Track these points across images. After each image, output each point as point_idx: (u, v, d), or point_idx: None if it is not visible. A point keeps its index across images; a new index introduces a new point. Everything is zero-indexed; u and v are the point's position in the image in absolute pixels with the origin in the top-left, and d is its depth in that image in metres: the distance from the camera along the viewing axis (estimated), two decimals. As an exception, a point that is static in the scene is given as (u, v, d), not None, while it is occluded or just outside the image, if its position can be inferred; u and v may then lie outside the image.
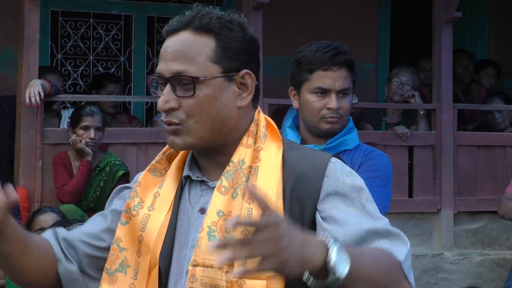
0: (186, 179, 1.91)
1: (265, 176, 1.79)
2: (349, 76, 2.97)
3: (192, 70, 1.80)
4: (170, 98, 1.82)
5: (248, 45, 1.85)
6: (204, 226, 1.77)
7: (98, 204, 5.59)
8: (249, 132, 1.86)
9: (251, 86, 1.84)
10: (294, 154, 1.86)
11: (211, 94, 1.80)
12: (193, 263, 1.76)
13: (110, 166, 5.61)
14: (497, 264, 6.79)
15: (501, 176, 6.97)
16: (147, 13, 7.30)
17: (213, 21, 1.82)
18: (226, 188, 1.80)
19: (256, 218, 1.69)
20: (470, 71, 7.78)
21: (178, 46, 1.83)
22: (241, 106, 1.84)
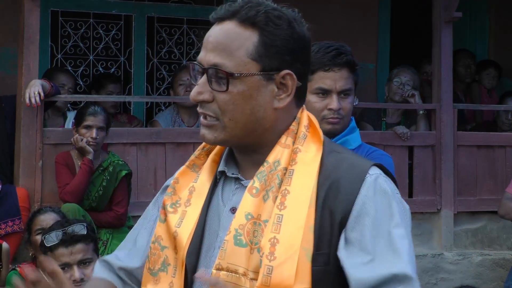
0: (221, 174, 1.83)
1: (299, 181, 1.70)
2: (351, 77, 2.97)
3: (229, 64, 1.71)
4: (205, 90, 1.74)
5: (295, 44, 1.74)
6: (231, 229, 1.70)
7: (101, 203, 5.60)
8: (289, 131, 1.77)
9: (291, 87, 1.74)
10: (333, 158, 1.75)
11: (246, 91, 1.72)
12: (217, 266, 1.69)
13: (113, 166, 5.62)
14: (497, 264, 6.79)
15: (501, 176, 6.97)
16: (147, 13, 7.30)
17: (260, 15, 1.72)
18: (258, 189, 1.71)
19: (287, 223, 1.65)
20: (471, 71, 7.78)
21: (219, 36, 1.73)
22: (278, 107, 1.74)
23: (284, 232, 1.65)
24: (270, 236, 1.65)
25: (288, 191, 1.69)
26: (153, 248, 1.82)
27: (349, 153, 1.83)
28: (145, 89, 7.34)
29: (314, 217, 1.67)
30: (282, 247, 1.64)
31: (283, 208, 1.67)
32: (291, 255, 1.63)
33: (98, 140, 5.56)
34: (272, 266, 1.63)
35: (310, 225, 1.66)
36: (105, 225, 5.54)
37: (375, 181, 1.71)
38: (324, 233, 1.67)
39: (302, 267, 1.63)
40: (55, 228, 3.63)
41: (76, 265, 3.48)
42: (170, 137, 6.17)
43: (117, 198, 5.61)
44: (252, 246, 1.67)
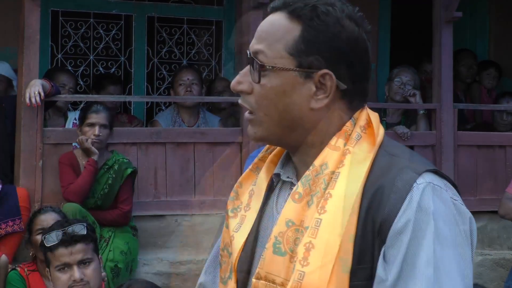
0: (278, 178, 1.73)
1: (344, 185, 1.57)
2: None
3: (266, 53, 1.63)
4: (245, 80, 1.66)
5: (341, 44, 1.62)
6: (271, 236, 1.60)
7: (106, 201, 5.61)
8: (341, 132, 1.64)
9: (330, 89, 1.62)
10: (385, 162, 1.61)
11: (280, 87, 1.62)
12: (257, 275, 1.61)
13: (118, 164, 5.63)
14: (498, 264, 6.79)
15: (501, 176, 6.97)
16: (147, 13, 7.30)
17: (307, 8, 1.61)
18: (301, 195, 1.60)
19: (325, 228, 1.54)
20: (473, 72, 7.78)
21: (266, 26, 1.66)
22: (315, 108, 1.62)
23: (321, 237, 1.54)
24: (306, 240, 1.55)
25: (331, 194, 1.57)
26: (223, 255, 1.75)
27: (405, 156, 1.66)
28: (145, 89, 7.34)
29: (356, 227, 1.55)
30: (317, 253, 1.53)
31: (323, 212, 1.56)
32: (325, 263, 1.53)
33: (102, 138, 5.57)
34: (304, 272, 1.53)
35: (351, 234, 1.54)
36: (111, 223, 5.55)
37: (422, 192, 1.55)
38: (367, 246, 1.55)
39: (337, 278, 1.53)
40: (55, 228, 3.63)
41: (76, 265, 3.48)
42: (170, 137, 6.17)
43: (123, 196, 5.62)
44: (292, 254, 1.58)
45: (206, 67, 7.57)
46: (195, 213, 6.14)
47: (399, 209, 1.53)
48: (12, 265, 5.05)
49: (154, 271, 5.86)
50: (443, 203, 1.56)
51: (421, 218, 1.53)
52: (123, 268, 5.51)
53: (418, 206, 1.53)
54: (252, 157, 3.74)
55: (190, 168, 6.20)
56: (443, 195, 1.57)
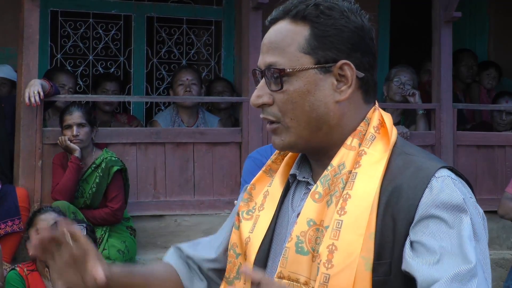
0: (293, 178, 1.76)
1: (361, 185, 1.60)
2: None
3: (282, 61, 1.65)
4: (264, 92, 1.68)
5: (351, 34, 1.66)
6: (293, 236, 1.63)
7: (95, 200, 5.61)
8: (356, 133, 1.67)
9: (351, 78, 1.66)
10: (401, 160, 1.64)
11: (303, 87, 1.64)
12: (279, 275, 1.63)
13: (105, 162, 5.62)
14: (497, 264, 6.79)
15: (501, 176, 6.97)
16: (146, 13, 7.30)
17: (309, 8, 1.66)
18: (321, 194, 1.63)
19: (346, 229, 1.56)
20: (473, 72, 7.78)
21: (272, 37, 1.69)
22: (340, 100, 1.66)
23: (343, 239, 1.57)
24: (329, 242, 1.57)
25: (350, 195, 1.60)
26: (230, 255, 1.77)
27: (421, 155, 1.68)
28: (145, 89, 7.34)
29: (375, 224, 1.58)
30: (340, 254, 1.56)
31: (343, 213, 1.58)
32: (349, 264, 1.56)
33: (81, 137, 5.56)
34: (329, 274, 1.55)
35: (371, 233, 1.57)
36: (100, 222, 5.54)
37: (442, 182, 1.59)
38: (386, 241, 1.57)
39: (361, 276, 1.55)
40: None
41: None
42: (169, 137, 6.17)
43: (111, 194, 5.61)
44: (314, 253, 1.60)
45: (206, 67, 7.57)
46: (194, 213, 6.14)
47: (419, 201, 1.56)
48: (11, 265, 5.05)
49: (154, 271, 5.85)
50: (465, 196, 1.60)
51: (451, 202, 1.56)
52: (121, 267, 5.51)
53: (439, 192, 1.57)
54: (252, 157, 3.73)
55: (189, 168, 6.20)
56: (463, 189, 1.62)
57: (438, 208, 1.56)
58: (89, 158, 5.64)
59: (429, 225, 1.55)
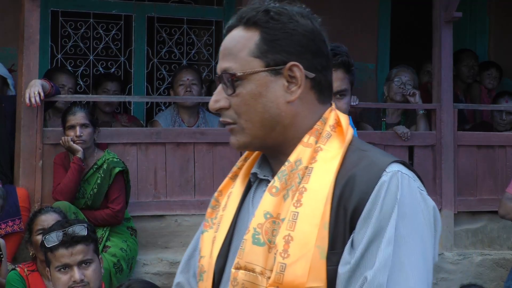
0: (255, 177, 1.83)
1: (317, 179, 1.68)
2: (346, 77, 2.96)
3: (234, 66, 1.73)
4: (221, 97, 1.77)
5: (300, 37, 1.73)
6: (250, 228, 1.70)
7: (96, 201, 5.61)
8: (313, 131, 1.75)
9: (300, 78, 1.73)
10: (355, 156, 1.72)
11: (255, 90, 1.73)
12: (236, 265, 1.69)
13: (107, 163, 5.61)
14: (497, 264, 6.78)
15: (501, 176, 6.97)
16: (147, 13, 7.30)
17: (259, 14, 1.74)
18: (278, 189, 1.70)
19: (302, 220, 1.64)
20: (474, 72, 7.78)
21: (227, 43, 1.78)
22: (291, 100, 1.73)
23: (299, 230, 1.64)
24: (285, 233, 1.65)
25: (306, 188, 1.68)
26: (198, 260, 1.86)
27: (375, 151, 1.78)
28: (145, 89, 7.34)
29: (329, 215, 1.65)
30: (296, 244, 1.63)
31: (299, 205, 1.66)
32: (305, 253, 1.63)
33: (85, 137, 5.55)
34: (286, 263, 1.62)
35: (325, 223, 1.65)
36: (101, 223, 5.54)
37: (390, 179, 1.66)
38: (339, 232, 1.65)
39: (316, 265, 1.63)
40: (56, 228, 3.63)
41: (76, 266, 3.48)
42: (170, 137, 6.17)
43: (113, 196, 5.61)
44: (270, 245, 1.67)
45: (206, 67, 7.58)
46: (195, 213, 6.14)
47: (369, 197, 1.64)
48: (12, 265, 5.05)
49: (154, 271, 5.86)
50: (409, 191, 1.67)
51: (387, 204, 1.63)
52: (124, 265, 5.51)
53: (386, 192, 1.64)
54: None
55: (190, 168, 6.20)
56: (410, 183, 1.69)
57: (379, 208, 1.63)
58: (90, 159, 5.64)
59: (369, 225, 1.62)
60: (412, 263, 1.61)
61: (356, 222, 1.64)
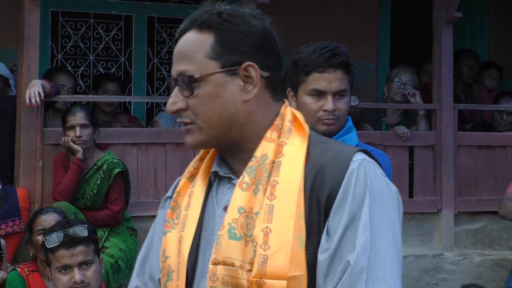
0: (215, 176, 1.88)
1: (287, 171, 1.74)
2: (346, 78, 2.96)
3: (191, 69, 1.78)
4: (178, 99, 1.81)
5: (253, 37, 1.79)
6: (224, 224, 1.74)
7: (96, 202, 5.60)
8: (274, 126, 1.81)
9: (256, 78, 1.78)
10: (319, 148, 1.79)
11: (212, 90, 1.77)
12: (214, 261, 1.73)
13: (107, 164, 5.61)
14: (498, 265, 6.78)
15: (502, 176, 6.97)
16: (147, 13, 7.30)
17: (213, 17, 1.79)
18: (248, 184, 1.75)
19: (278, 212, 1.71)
20: (475, 72, 7.77)
21: (181, 46, 1.82)
22: (247, 99, 1.78)
23: (276, 221, 1.70)
24: (263, 226, 1.69)
25: (277, 181, 1.73)
26: (162, 261, 1.87)
27: (336, 142, 1.87)
28: (146, 89, 7.34)
29: (304, 205, 1.71)
30: (275, 236, 1.68)
31: (273, 198, 1.72)
32: (284, 244, 1.68)
33: (85, 138, 5.55)
34: (267, 255, 1.67)
35: (300, 213, 1.70)
36: (101, 223, 5.53)
37: (358, 167, 1.73)
38: (313, 221, 1.71)
39: (296, 254, 1.68)
40: (56, 229, 3.63)
41: (77, 267, 3.49)
42: (170, 137, 6.17)
43: (112, 196, 5.60)
44: (246, 238, 1.72)
45: (206, 67, 7.56)
46: (195, 214, 6.13)
47: (340, 185, 1.71)
48: (12, 265, 5.04)
49: (154, 271, 5.85)
50: (376, 177, 1.75)
51: (359, 191, 1.70)
52: (123, 265, 5.51)
53: (356, 180, 1.71)
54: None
55: (190, 169, 6.19)
56: (376, 170, 1.76)
57: (351, 194, 1.70)
58: (90, 159, 5.63)
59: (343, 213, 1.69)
60: (386, 246, 1.69)
61: (330, 210, 1.70)
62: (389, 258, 1.69)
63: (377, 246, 1.68)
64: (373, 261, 1.66)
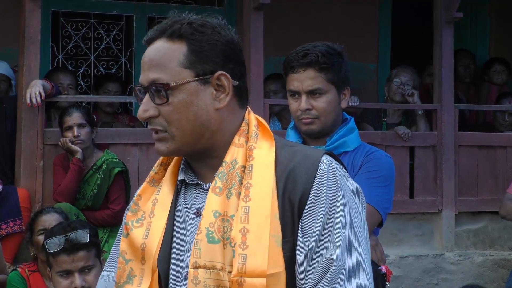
0: (182, 183, 1.92)
1: (259, 174, 1.80)
2: (320, 76, 2.93)
3: (165, 77, 1.81)
4: (149, 106, 1.84)
5: (223, 47, 1.85)
6: (202, 228, 1.79)
7: (96, 202, 5.60)
8: (241, 132, 1.87)
9: (228, 87, 1.84)
10: (286, 152, 1.86)
11: (186, 99, 1.81)
12: (194, 265, 1.78)
13: (107, 163, 5.61)
14: (498, 265, 6.78)
15: (502, 176, 6.97)
16: (148, 14, 7.30)
17: (184, 27, 1.84)
18: (221, 188, 1.81)
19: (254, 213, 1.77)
20: (471, 71, 7.76)
21: (152, 55, 1.85)
22: (219, 107, 1.84)
23: (253, 221, 1.76)
24: (240, 226, 1.75)
25: (251, 184, 1.79)
26: (119, 262, 1.91)
27: (301, 146, 1.95)
28: (146, 89, 7.33)
29: (278, 207, 1.78)
30: (252, 235, 1.75)
31: (248, 200, 1.78)
32: (262, 242, 1.74)
33: (83, 137, 5.54)
34: (246, 254, 1.73)
35: (275, 213, 1.77)
36: (102, 223, 5.53)
37: (327, 169, 1.82)
38: (287, 221, 1.78)
39: (274, 252, 1.75)
40: (57, 232, 3.61)
41: (78, 272, 3.48)
42: (171, 137, 6.16)
43: (113, 196, 5.60)
44: (224, 241, 1.77)
45: (207, 67, 7.56)
46: (195, 214, 6.13)
47: (311, 187, 1.79)
48: (12, 265, 5.04)
49: (155, 271, 5.85)
50: (343, 178, 1.84)
51: (331, 191, 1.80)
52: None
53: (327, 181, 1.80)
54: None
55: (190, 169, 6.19)
56: (342, 171, 1.85)
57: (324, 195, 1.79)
58: (90, 160, 5.63)
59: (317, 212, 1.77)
60: (358, 244, 1.79)
61: (303, 210, 1.78)
62: (362, 254, 1.78)
63: (351, 243, 1.77)
64: (349, 257, 1.76)
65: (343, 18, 7.65)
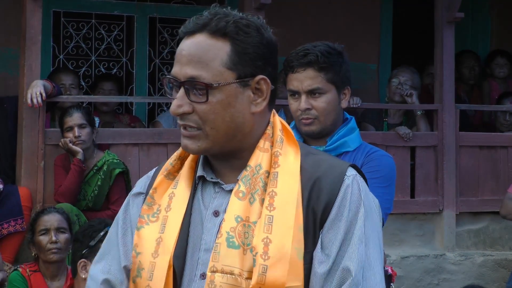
0: (199, 180, 1.88)
1: (285, 183, 1.77)
2: (320, 76, 2.92)
3: (206, 76, 1.76)
4: (184, 102, 1.79)
5: (265, 50, 1.81)
6: (222, 232, 1.76)
7: (97, 203, 5.60)
8: (266, 136, 1.84)
9: (266, 91, 1.81)
10: (311, 160, 1.83)
11: (225, 100, 1.77)
12: (212, 269, 1.75)
13: (107, 164, 5.61)
14: (499, 265, 6.78)
15: (503, 176, 6.97)
16: (149, 14, 7.30)
17: (230, 25, 1.78)
18: (244, 193, 1.78)
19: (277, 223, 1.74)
20: (475, 73, 7.75)
21: (193, 50, 1.78)
22: (255, 112, 1.81)
23: (276, 232, 1.73)
24: (263, 236, 1.72)
25: (276, 192, 1.77)
26: (133, 256, 1.87)
27: (324, 154, 1.92)
28: (147, 89, 7.34)
29: (302, 217, 1.75)
30: (275, 246, 1.72)
31: (272, 209, 1.75)
32: (283, 254, 1.71)
33: (83, 137, 5.54)
34: (267, 265, 1.70)
35: (299, 225, 1.75)
36: None
37: (352, 182, 1.80)
38: (309, 232, 1.75)
39: (295, 265, 1.72)
40: None
41: None
42: (172, 137, 6.17)
43: (114, 197, 5.60)
44: (244, 247, 1.74)
45: (208, 67, 7.56)
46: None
47: (335, 198, 1.77)
48: (13, 265, 5.05)
49: (156, 271, 5.85)
50: (366, 193, 1.82)
51: (354, 206, 1.77)
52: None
53: (351, 195, 1.78)
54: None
55: (191, 169, 6.19)
56: (365, 186, 1.83)
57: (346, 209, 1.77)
58: (90, 160, 5.63)
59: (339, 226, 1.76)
60: (376, 259, 1.78)
61: (325, 222, 1.76)
62: (378, 268, 1.78)
63: (370, 258, 1.76)
64: (367, 271, 1.75)
65: (344, 18, 7.65)
